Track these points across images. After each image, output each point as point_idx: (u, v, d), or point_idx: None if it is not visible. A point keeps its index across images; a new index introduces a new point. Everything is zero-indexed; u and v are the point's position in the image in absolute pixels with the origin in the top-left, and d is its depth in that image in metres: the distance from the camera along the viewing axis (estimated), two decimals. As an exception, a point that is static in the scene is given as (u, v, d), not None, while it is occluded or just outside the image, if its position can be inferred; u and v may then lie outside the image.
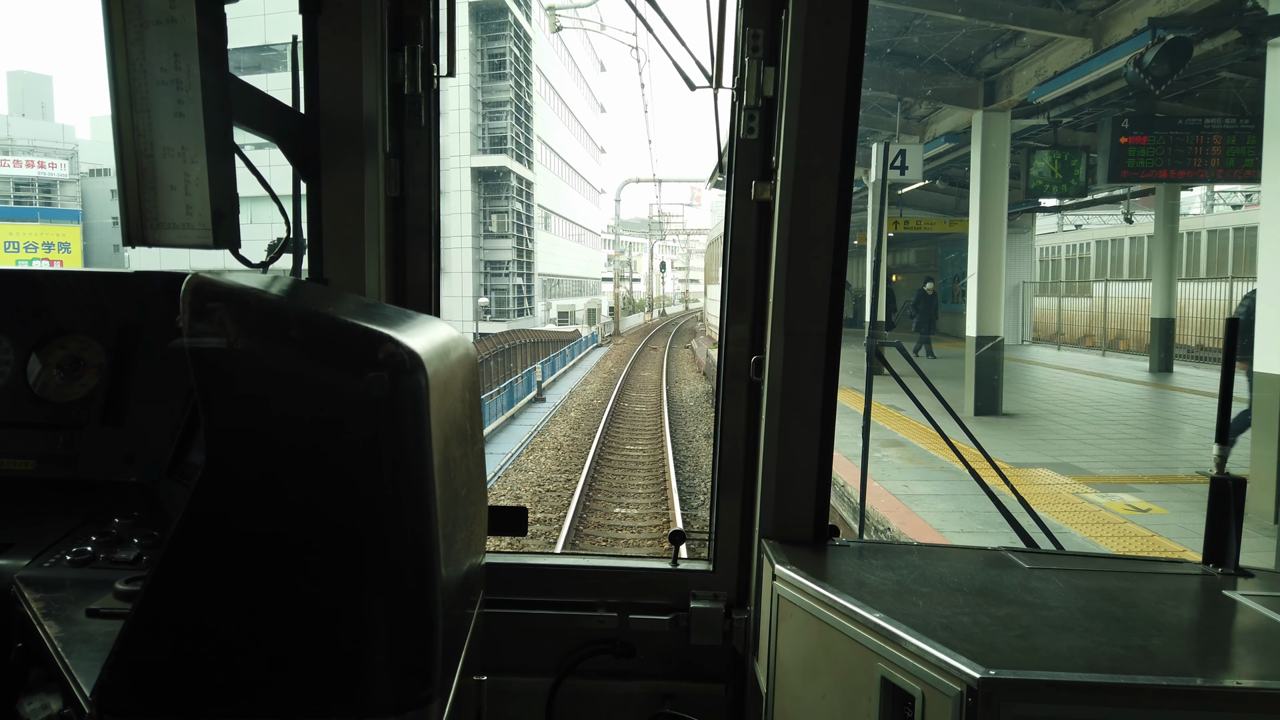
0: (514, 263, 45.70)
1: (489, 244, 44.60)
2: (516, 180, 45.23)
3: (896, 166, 13.03)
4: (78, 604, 1.33)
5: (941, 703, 1.33)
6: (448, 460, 1.22)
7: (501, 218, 44.73)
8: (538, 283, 50.21)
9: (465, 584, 1.43)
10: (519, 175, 45.63)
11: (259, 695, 1.05)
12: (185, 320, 0.99)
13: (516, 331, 33.17)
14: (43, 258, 53.84)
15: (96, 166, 59.46)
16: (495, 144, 44.32)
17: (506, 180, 44.14)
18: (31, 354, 1.83)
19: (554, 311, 50.52)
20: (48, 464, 1.75)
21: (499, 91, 43.55)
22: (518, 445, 16.33)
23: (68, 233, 55.39)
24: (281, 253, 1.80)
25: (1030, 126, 14.34)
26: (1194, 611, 1.70)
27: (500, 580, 2.18)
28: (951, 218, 23.11)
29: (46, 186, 58.39)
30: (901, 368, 2.78)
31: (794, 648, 1.77)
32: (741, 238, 2.12)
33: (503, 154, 43.83)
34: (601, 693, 2.21)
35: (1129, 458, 10.46)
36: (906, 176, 13.26)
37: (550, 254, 54.38)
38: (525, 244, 47.47)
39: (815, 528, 2.03)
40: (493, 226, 44.67)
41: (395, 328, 1.10)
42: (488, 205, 44.48)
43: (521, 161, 46.15)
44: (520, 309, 47.07)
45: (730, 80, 2.05)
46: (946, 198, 23.81)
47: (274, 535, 1.04)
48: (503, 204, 44.69)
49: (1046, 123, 13.28)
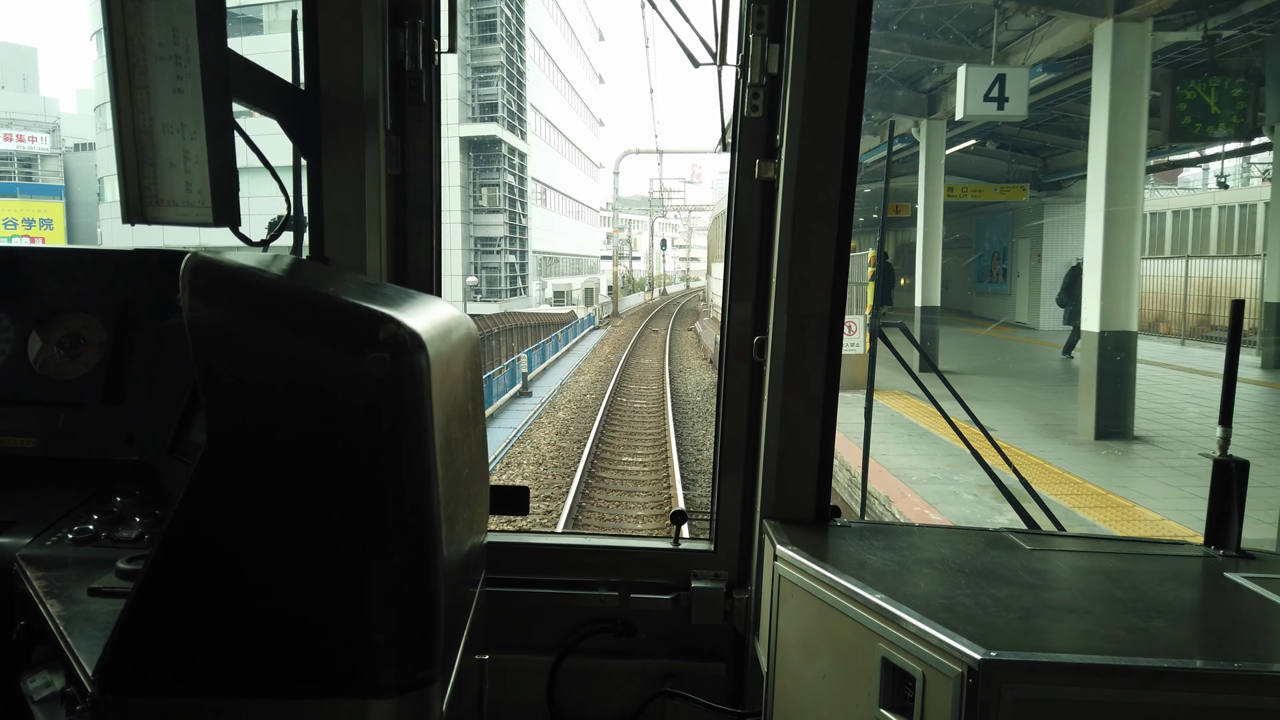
0: (506, 239, 41.84)
1: (479, 219, 41.30)
2: (508, 151, 41.45)
3: (994, 99, 9.09)
4: (79, 583, 1.32)
5: (942, 684, 1.32)
6: (450, 441, 1.21)
7: (493, 191, 41.23)
8: (532, 261, 46.41)
9: (467, 563, 1.43)
10: (511, 145, 41.85)
11: (260, 675, 1.05)
12: (185, 299, 0.99)
13: (507, 315, 30.02)
14: (24, 234, 49.91)
15: (81, 141, 57.54)
16: (485, 111, 40.49)
17: (497, 151, 41.03)
18: (32, 332, 1.83)
19: (549, 291, 46.74)
20: (49, 442, 1.75)
21: (489, 55, 39.80)
22: (489, 460, 12.29)
23: (50, 209, 53.71)
24: (282, 231, 1.77)
25: (1177, 44, 10.21)
26: (1195, 593, 1.69)
27: (502, 559, 2.17)
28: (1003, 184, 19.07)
29: (26, 161, 56.76)
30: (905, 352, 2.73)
31: (795, 628, 1.76)
32: (745, 217, 2.10)
33: (493, 122, 40.13)
34: (603, 671, 2.21)
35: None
36: (1008, 110, 9.31)
37: (546, 230, 50.61)
38: (518, 219, 43.54)
39: (817, 508, 2.02)
40: (483, 200, 41.00)
41: (396, 308, 1.10)
42: (478, 178, 41.12)
43: (514, 131, 42.27)
44: (513, 289, 43.44)
45: (735, 57, 2.03)
46: (996, 163, 19.78)
47: (275, 516, 1.04)
48: (494, 176, 42.00)
49: (1201, 38, 9.22)
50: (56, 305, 1.86)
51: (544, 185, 52.01)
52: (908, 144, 17.29)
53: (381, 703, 1.08)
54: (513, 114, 43.80)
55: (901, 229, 25.80)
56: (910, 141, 16.90)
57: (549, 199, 54.43)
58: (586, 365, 25.62)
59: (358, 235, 1.96)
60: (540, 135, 50.16)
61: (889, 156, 14.04)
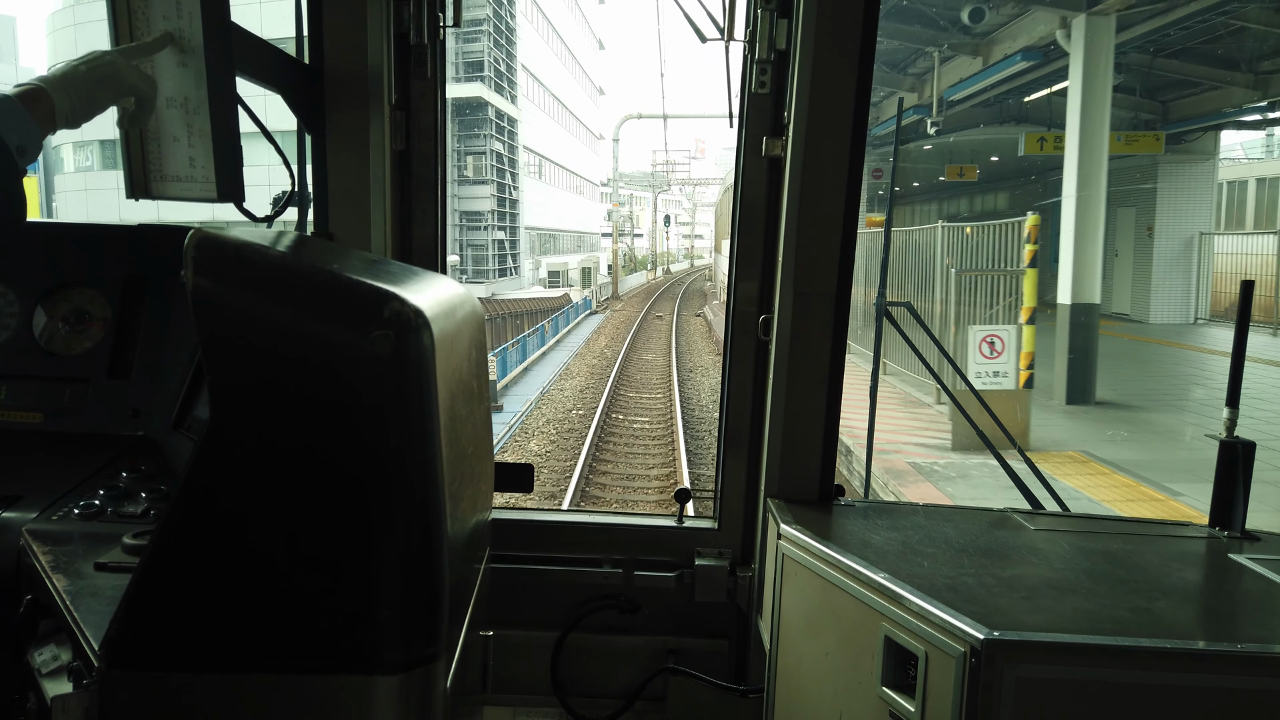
0: (494, 214, 36.79)
1: (464, 191, 37.47)
2: (496, 115, 36.20)
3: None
4: (86, 557, 1.34)
5: (945, 663, 1.34)
6: (454, 418, 1.21)
7: (478, 160, 36.64)
8: (524, 238, 41.22)
9: (472, 540, 1.45)
10: (499, 109, 36.53)
11: (265, 651, 1.07)
12: (189, 275, 0.99)
13: (490, 301, 27.31)
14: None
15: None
16: (470, 70, 35.74)
17: (484, 114, 36.24)
18: (37, 306, 1.83)
19: (544, 271, 41.60)
20: (54, 417, 1.77)
21: (473, 7, 34.49)
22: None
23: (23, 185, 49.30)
24: (286, 206, 1.79)
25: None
26: (1199, 575, 1.71)
27: (507, 536, 2.17)
28: (1129, 133, 14.25)
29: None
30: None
31: (798, 606, 1.79)
32: (751, 195, 2.09)
33: (478, 82, 35.49)
34: (606, 647, 2.23)
35: None
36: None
37: (540, 205, 45.69)
38: (508, 191, 38.33)
39: (821, 487, 2.03)
40: (468, 170, 36.44)
41: (401, 285, 1.10)
42: (462, 144, 36.68)
43: (502, 94, 37.16)
44: (502, 268, 38.34)
45: (742, 32, 2.00)
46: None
47: (279, 492, 1.05)
48: (480, 143, 37.60)
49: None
50: (61, 280, 1.86)
51: (539, 156, 46.83)
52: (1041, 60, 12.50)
53: (386, 679, 1.08)
54: (501, 74, 38.88)
55: (959, 197, 20.80)
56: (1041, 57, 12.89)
57: (545, 171, 49.20)
58: (577, 364, 20.69)
59: (362, 211, 1.96)
60: (533, 100, 44.81)
61: (897, 133, 13.16)
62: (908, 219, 20.68)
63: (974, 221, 12.68)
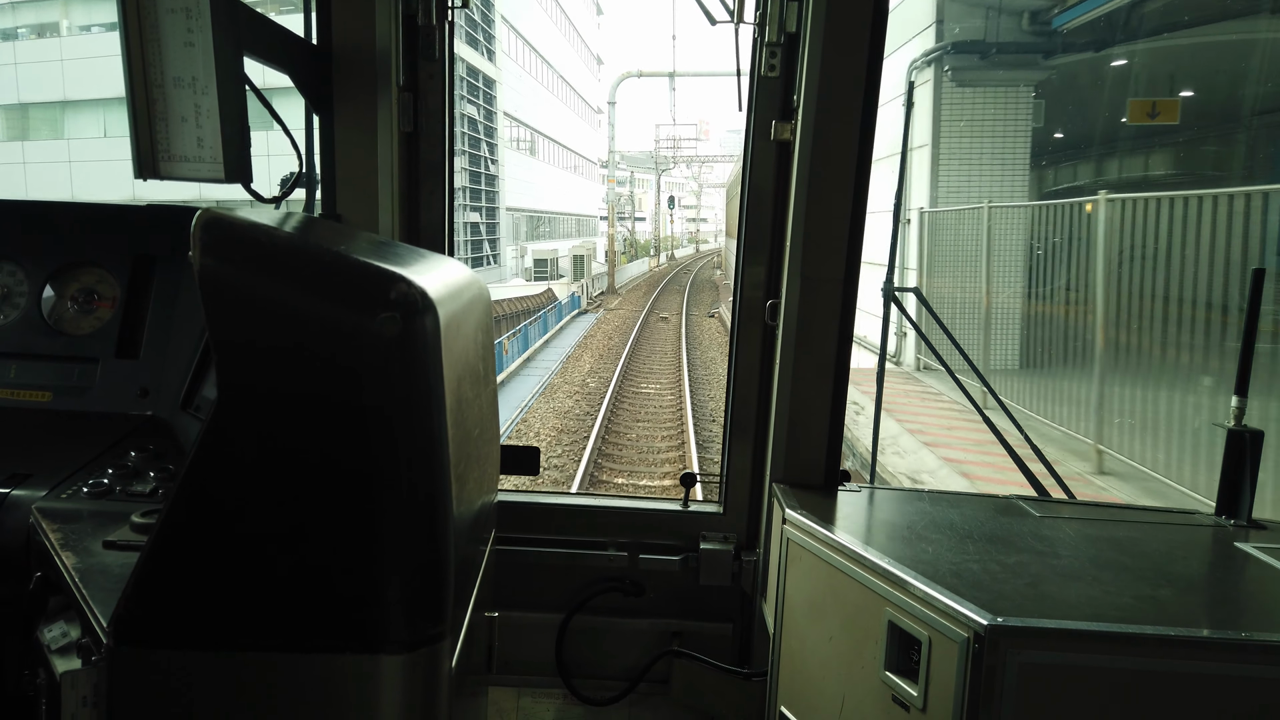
0: (466, 190, 29.82)
1: None
2: (468, 72, 29.14)
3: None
4: (95, 535, 1.37)
5: (948, 648, 1.36)
6: (460, 400, 1.22)
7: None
8: (506, 220, 34.19)
9: (478, 522, 1.48)
10: (471, 66, 29.47)
11: (271, 630, 1.10)
12: (196, 255, 1.01)
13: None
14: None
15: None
16: (434, 18, 27.51)
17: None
18: (46, 286, 1.83)
19: (529, 259, 34.67)
20: (64, 396, 1.77)
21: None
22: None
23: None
24: (294, 188, 1.79)
25: None
26: (1204, 563, 1.72)
27: (513, 518, 2.20)
28: None
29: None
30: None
31: (802, 590, 1.81)
32: (760, 179, 2.09)
33: (445, 32, 27.07)
34: (611, 629, 2.26)
35: None
36: None
37: (528, 183, 38.54)
38: (484, 165, 31.26)
39: (826, 472, 2.06)
40: (433, 139, 28.20)
41: (408, 267, 1.12)
42: None
43: (476, 47, 29.87)
44: (477, 257, 31.79)
45: (752, 15, 2.00)
46: None
47: (286, 472, 1.08)
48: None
49: None
50: (70, 259, 1.86)
51: (530, 129, 39.77)
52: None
53: (392, 658, 1.11)
54: (474, 24, 31.59)
55: (1139, 153, 13.51)
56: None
57: (539, 147, 42.07)
58: (543, 404, 13.64)
59: (370, 193, 1.95)
60: (515, 59, 37.62)
61: (908, 109, 10.71)
62: (1048, 182, 14.01)
63: (1166, 191, 7.19)
